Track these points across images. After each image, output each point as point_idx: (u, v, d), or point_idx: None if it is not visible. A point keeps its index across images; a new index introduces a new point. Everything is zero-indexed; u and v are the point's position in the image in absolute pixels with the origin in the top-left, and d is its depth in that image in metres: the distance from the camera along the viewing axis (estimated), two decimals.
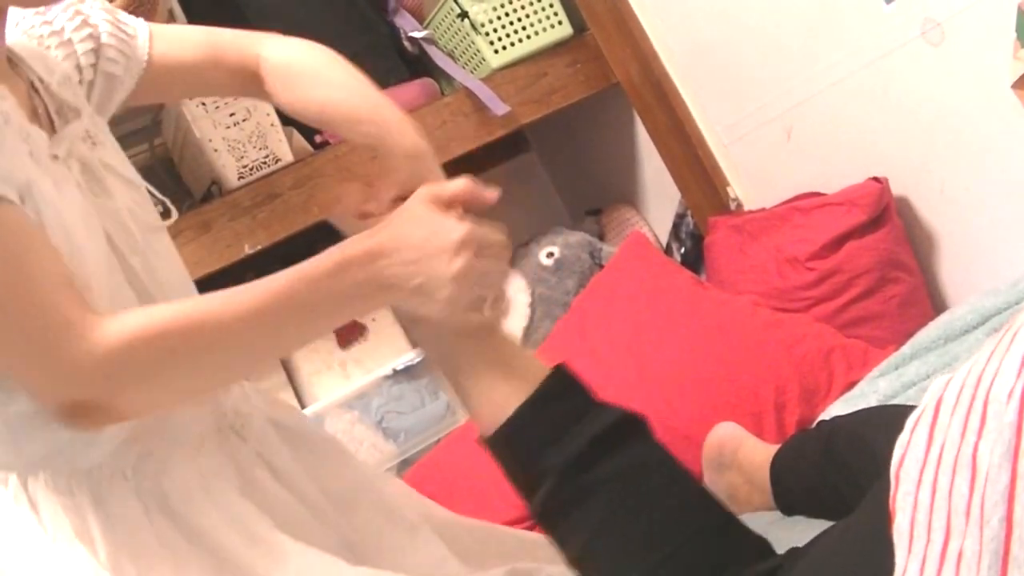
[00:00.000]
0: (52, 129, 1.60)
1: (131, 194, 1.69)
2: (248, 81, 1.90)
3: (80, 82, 1.73)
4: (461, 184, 1.61)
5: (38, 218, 1.44)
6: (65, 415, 1.40)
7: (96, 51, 1.75)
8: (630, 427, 1.63)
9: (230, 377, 1.60)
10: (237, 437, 1.72)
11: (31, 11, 1.71)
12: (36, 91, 1.63)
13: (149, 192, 1.75)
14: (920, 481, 1.23)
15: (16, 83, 1.61)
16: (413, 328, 1.74)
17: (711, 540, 1.57)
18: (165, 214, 1.76)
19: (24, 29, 1.71)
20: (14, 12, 1.69)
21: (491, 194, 1.64)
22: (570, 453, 1.57)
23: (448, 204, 1.57)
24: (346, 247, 1.51)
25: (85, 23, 1.76)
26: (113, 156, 1.70)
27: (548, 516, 1.62)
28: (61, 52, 1.72)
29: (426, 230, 1.52)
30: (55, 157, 1.55)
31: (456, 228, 1.52)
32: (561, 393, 1.64)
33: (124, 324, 1.39)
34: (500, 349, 1.66)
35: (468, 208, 1.61)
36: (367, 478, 1.88)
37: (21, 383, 1.44)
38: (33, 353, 1.39)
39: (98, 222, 1.57)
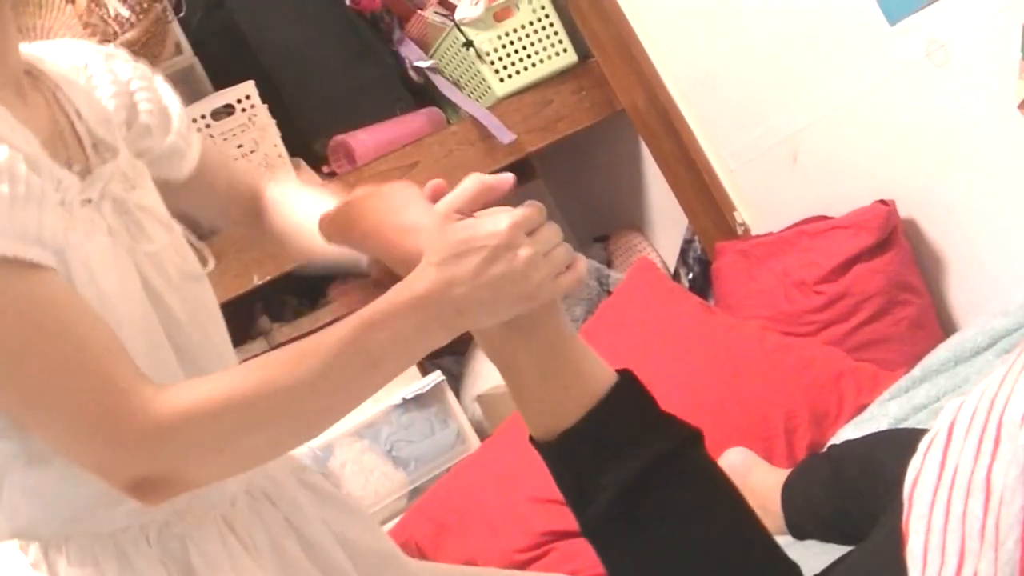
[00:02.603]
0: (86, 164, 1.57)
1: (169, 239, 1.63)
2: (250, 210, 1.89)
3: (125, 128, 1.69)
4: (471, 184, 1.51)
5: (68, 275, 1.39)
6: (133, 490, 1.35)
7: (156, 129, 1.74)
8: (690, 447, 1.56)
9: (302, 440, 1.51)
10: (267, 501, 1.66)
11: (93, 54, 1.71)
12: (72, 123, 1.59)
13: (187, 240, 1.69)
14: (934, 504, 1.23)
15: (36, 101, 1.57)
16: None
17: (755, 571, 1.54)
18: (202, 262, 1.69)
19: (74, 63, 1.69)
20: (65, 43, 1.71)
21: (506, 181, 1.55)
22: (629, 474, 1.49)
23: (468, 211, 1.48)
24: (403, 288, 1.42)
25: (160, 104, 1.76)
26: (151, 199, 1.64)
27: (596, 533, 1.55)
28: (116, 101, 1.68)
29: (468, 243, 1.41)
30: (87, 201, 1.50)
31: (493, 223, 1.43)
32: (626, 406, 1.54)
33: (185, 395, 1.34)
34: (562, 346, 1.53)
35: (489, 202, 1.52)
36: (392, 547, 1.84)
37: (82, 462, 1.37)
38: (93, 431, 1.33)
39: (133, 268, 1.51)
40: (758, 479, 2.37)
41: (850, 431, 2.46)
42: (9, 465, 1.45)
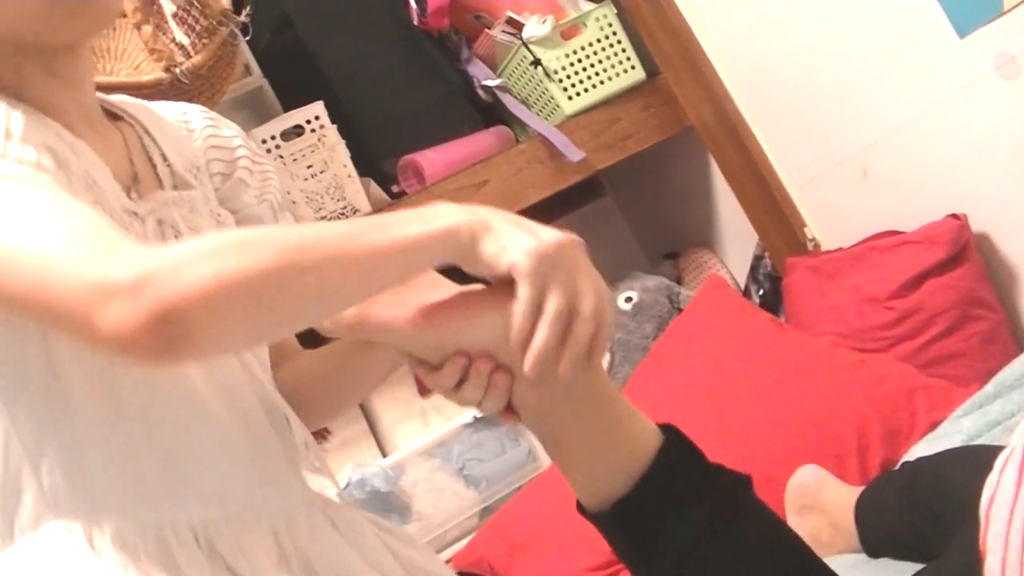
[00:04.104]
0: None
1: None
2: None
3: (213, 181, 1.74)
4: None
5: None
6: (134, 334, 1.19)
7: (251, 189, 1.76)
8: (742, 496, 1.50)
9: (315, 308, 1.35)
10: (327, 522, 1.62)
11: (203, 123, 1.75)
12: (154, 166, 1.64)
13: None
14: (1011, 521, 1.22)
15: (112, 138, 1.62)
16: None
17: None
18: None
19: (176, 115, 1.75)
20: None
21: None
22: (688, 536, 1.44)
23: None
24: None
25: (262, 169, 1.79)
26: None
27: None
28: (214, 154, 1.74)
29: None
30: (133, 214, 1.54)
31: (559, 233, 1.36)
32: (677, 466, 1.48)
33: (188, 250, 1.24)
34: (608, 410, 1.47)
35: None
36: None
37: (68, 321, 1.26)
38: (84, 270, 1.23)
39: None
40: (830, 496, 2.36)
41: (923, 448, 2.44)
42: (46, 436, 1.43)
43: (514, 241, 1.31)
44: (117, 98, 1.71)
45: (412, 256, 1.33)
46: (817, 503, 2.38)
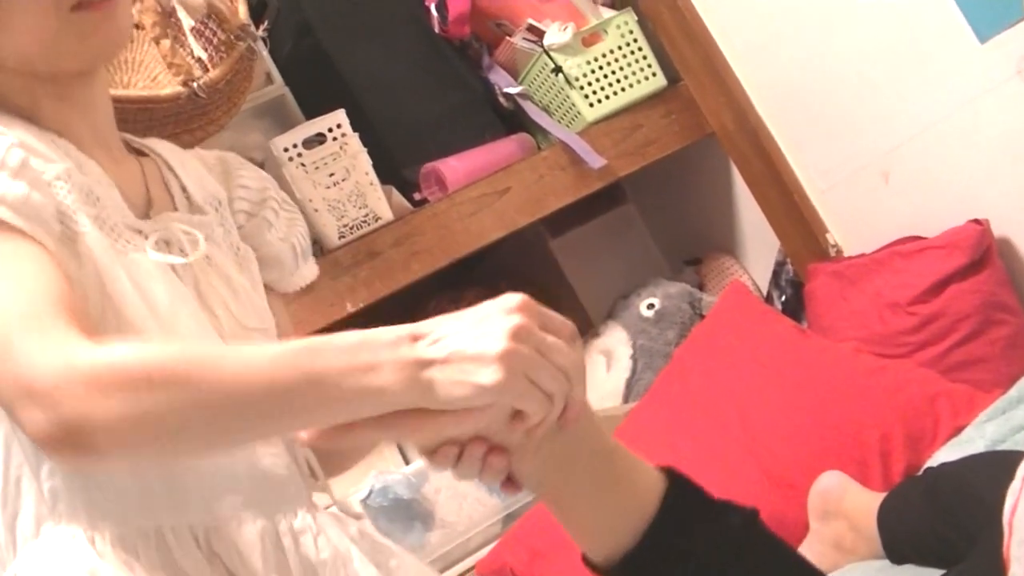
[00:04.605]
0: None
1: (233, 298, 1.66)
2: None
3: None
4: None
5: (78, 266, 1.45)
6: (48, 439, 1.28)
7: (275, 228, 1.81)
8: (752, 531, 1.45)
9: (219, 441, 1.36)
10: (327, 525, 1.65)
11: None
12: (172, 197, 1.69)
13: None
14: None
15: (130, 167, 1.67)
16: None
17: None
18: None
19: (204, 156, 1.81)
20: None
21: None
22: None
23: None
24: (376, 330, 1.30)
25: (289, 213, 1.84)
26: (229, 266, 1.69)
27: None
28: (239, 192, 1.79)
29: (474, 314, 1.28)
30: (137, 231, 1.58)
31: (510, 306, 1.27)
32: (683, 511, 1.44)
33: (117, 348, 1.29)
34: (609, 464, 1.43)
35: None
36: None
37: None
38: (14, 358, 1.29)
39: (182, 285, 1.58)
40: (853, 502, 2.36)
41: (946, 453, 2.44)
42: None
43: (468, 378, 1.22)
44: (149, 140, 1.77)
45: (337, 416, 1.28)
46: (840, 509, 2.38)
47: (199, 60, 2.58)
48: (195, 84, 2.43)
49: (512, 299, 1.27)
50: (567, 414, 1.31)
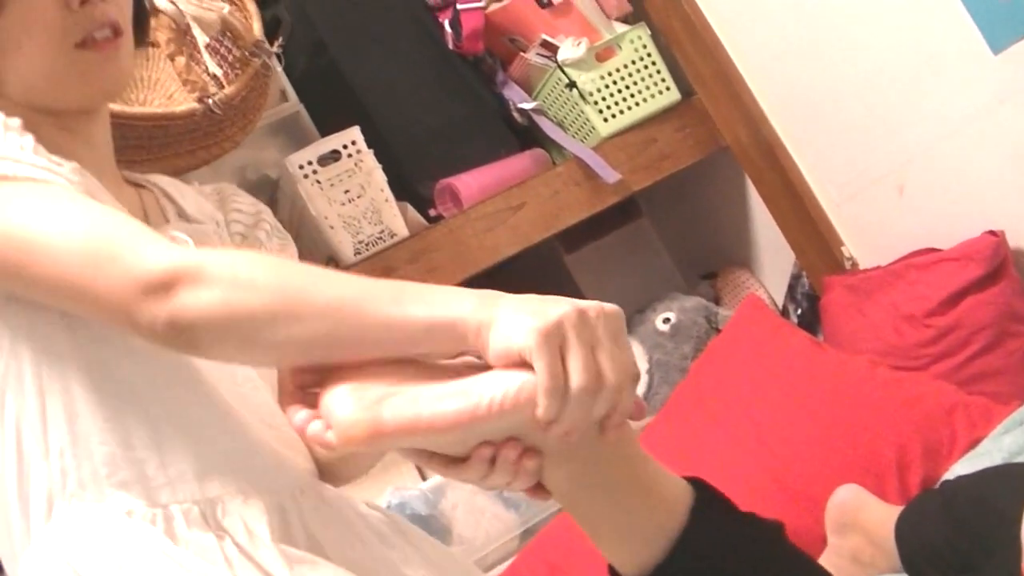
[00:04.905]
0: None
1: None
2: None
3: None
4: None
5: None
6: (158, 332, 1.37)
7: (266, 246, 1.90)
8: (778, 544, 1.45)
9: (304, 355, 1.40)
10: (332, 504, 1.69)
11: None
12: (167, 219, 1.75)
13: None
14: None
15: (128, 193, 1.75)
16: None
17: None
18: None
19: (202, 188, 1.91)
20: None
21: None
22: None
23: None
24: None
25: (280, 233, 1.93)
26: None
27: None
28: (234, 215, 1.88)
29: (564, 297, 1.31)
30: None
31: (594, 304, 1.30)
32: (711, 522, 1.43)
33: (211, 257, 1.38)
34: (638, 474, 1.42)
35: None
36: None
37: (104, 308, 1.43)
38: (113, 277, 1.39)
39: None
40: (870, 515, 2.35)
41: (963, 466, 2.44)
42: (52, 419, 1.53)
43: (517, 325, 1.26)
44: (151, 176, 1.85)
45: (410, 338, 1.32)
46: (857, 522, 2.37)
47: (214, 77, 2.59)
48: (210, 100, 2.44)
49: (608, 304, 1.30)
50: (608, 422, 1.31)
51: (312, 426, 1.32)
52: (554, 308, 1.26)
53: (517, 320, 1.26)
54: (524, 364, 1.25)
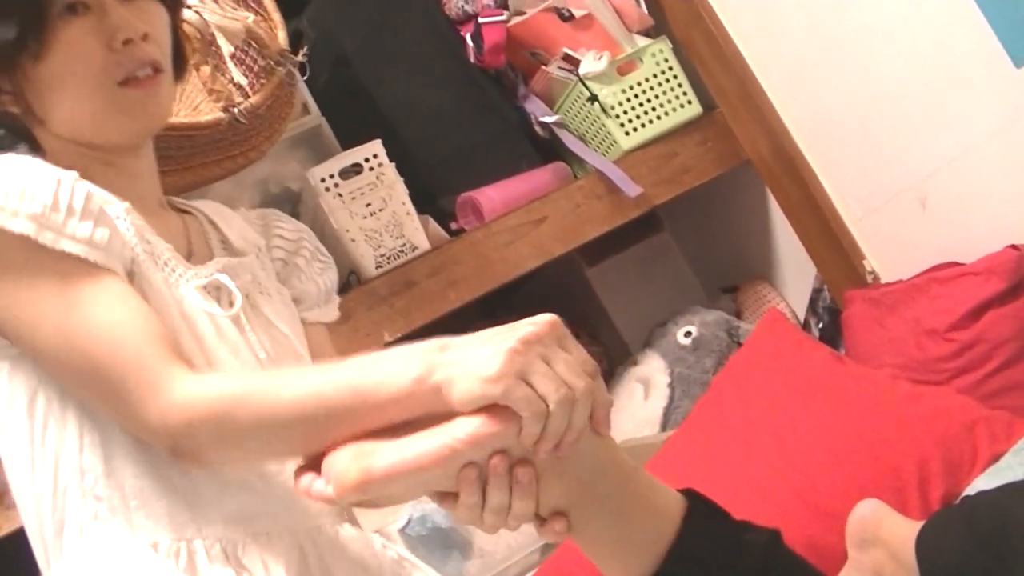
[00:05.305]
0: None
1: (274, 345, 1.80)
2: None
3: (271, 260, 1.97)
4: None
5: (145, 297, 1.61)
6: (170, 455, 1.53)
7: (305, 273, 2.01)
8: (774, 551, 1.48)
9: (291, 449, 1.54)
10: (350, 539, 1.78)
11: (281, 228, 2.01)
12: (211, 248, 1.84)
13: None
14: None
15: (173, 220, 1.84)
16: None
17: None
18: None
19: (247, 213, 2.00)
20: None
21: None
22: None
23: None
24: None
25: (320, 258, 2.05)
26: (280, 311, 1.86)
27: None
28: (276, 241, 1.99)
29: (506, 326, 1.38)
30: (184, 272, 1.72)
31: (535, 320, 1.37)
32: (704, 531, 1.45)
33: (202, 392, 1.50)
34: (626, 488, 1.45)
35: None
36: None
37: (123, 428, 1.59)
38: (126, 401, 1.51)
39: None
40: (891, 531, 2.34)
41: (985, 481, 2.42)
42: (88, 449, 1.63)
43: (474, 381, 1.31)
44: (196, 202, 1.94)
45: (383, 415, 1.40)
46: (878, 537, 2.36)
47: (239, 86, 2.59)
48: (236, 110, 2.45)
49: (540, 317, 1.36)
50: (595, 419, 1.38)
51: (315, 486, 1.41)
52: (499, 346, 1.31)
53: (472, 375, 1.32)
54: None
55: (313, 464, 1.45)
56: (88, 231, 1.57)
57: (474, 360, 1.32)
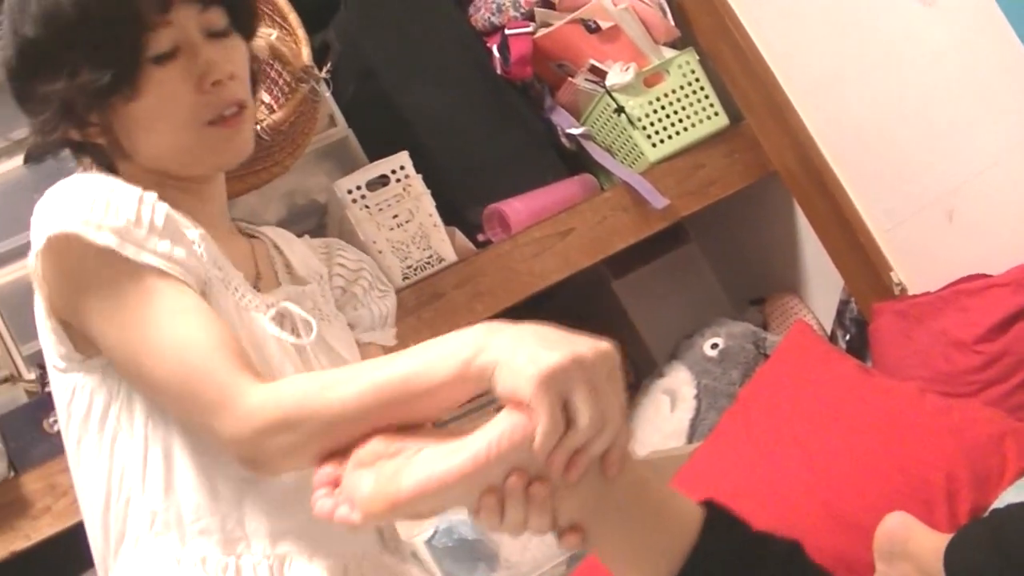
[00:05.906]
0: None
1: (334, 362, 1.88)
2: None
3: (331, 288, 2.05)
4: None
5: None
6: (242, 464, 1.58)
7: (361, 300, 2.09)
8: (796, 563, 1.47)
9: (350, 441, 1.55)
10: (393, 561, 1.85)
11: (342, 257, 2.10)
12: (275, 272, 1.93)
13: None
14: None
15: (239, 244, 1.91)
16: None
17: None
18: None
19: (311, 240, 2.09)
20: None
21: None
22: None
23: None
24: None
25: (380, 286, 2.13)
26: (340, 336, 1.93)
27: None
28: (337, 270, 2.07)
29: (564, 333, 1.40)
30: (254, 298, 1.79)
31: (593, 344, 1.38)
32: (722, 541, 1.45)
33: (271, 397, 1.54)
34: (644, 500, 1.46)
35: None
36: None
37: (196, 413, 1.61)
38: (200, 413, 1.57)
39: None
40: (919, 544, 2.34)
41: (1013, 494, 2.42)
42: (148, 464, 1.70)
43: (518, 373, 1.33)
44: (263, 227, 2.03)
45: (435, 402, 1.44)
46: (906, 550, 2.36)
47: (263, 103, 2.61)
48: (259, 126, 2.46)
49: (600, 343, 1.37)
50: (608, 459, 1.39)
51: (339, 512, 1.41)
52: (552, 354, 1.32)
53: (517, 367, 1.33)
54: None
55: (325, 460, 1.50)
56: (168, 248, 1.63)
57: (525, 356, 1.33)
